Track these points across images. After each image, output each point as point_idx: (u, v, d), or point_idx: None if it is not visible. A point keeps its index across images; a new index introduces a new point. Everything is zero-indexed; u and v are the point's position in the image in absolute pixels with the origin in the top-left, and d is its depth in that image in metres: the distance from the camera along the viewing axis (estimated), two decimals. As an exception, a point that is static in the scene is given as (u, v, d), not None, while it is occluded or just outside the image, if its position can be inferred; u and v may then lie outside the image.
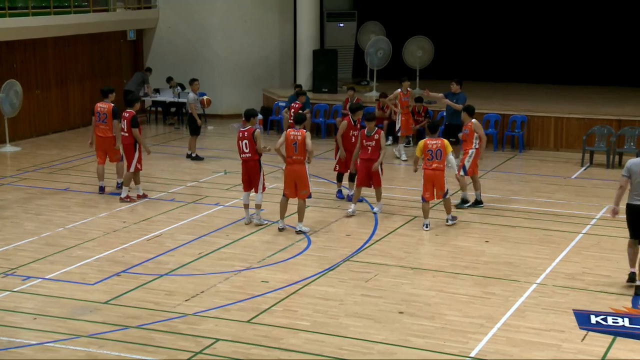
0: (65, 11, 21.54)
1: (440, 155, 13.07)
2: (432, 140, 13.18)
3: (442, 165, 13.10)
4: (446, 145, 13.11)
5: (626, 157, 18.05)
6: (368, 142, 13.74)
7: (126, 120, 14.81)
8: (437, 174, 13.13)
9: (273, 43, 24.43)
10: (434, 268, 11.49)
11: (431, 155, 13.09)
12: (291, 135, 12.83)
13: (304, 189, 12.87)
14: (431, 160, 13.10)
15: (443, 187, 13.17)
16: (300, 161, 12.78)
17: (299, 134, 12.78)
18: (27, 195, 15.44)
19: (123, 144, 14.97)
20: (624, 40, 23.65)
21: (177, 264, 11.64)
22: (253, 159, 13.17)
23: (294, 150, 12.75)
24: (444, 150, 13.07)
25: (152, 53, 24.68)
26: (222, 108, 23.61)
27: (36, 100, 20.98)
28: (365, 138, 13.76)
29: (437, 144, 13.12)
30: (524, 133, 19.57)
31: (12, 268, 11.49)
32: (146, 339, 9.18)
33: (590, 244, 12.52)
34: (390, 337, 9.22)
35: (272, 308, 10.07)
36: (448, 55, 24.26)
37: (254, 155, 13.14)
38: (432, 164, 13.11)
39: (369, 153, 13.74)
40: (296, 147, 12.72)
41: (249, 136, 13.10)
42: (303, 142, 12.70)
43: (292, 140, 12.76)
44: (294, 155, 12.77)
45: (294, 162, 12.82)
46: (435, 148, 13.08)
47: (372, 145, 13.72)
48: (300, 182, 12.84)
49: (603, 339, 9.20)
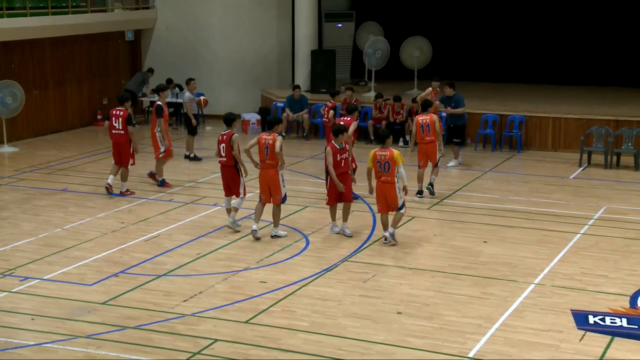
0: (63, 12, 21.52)
1: (388, 168, 12.19)
2: (381, 151, 12.28)
3: (391, 178, 12.22)
4: (395, 157, 12.14)
5: (624, 157, 18.10)
6: (341, 155, 12.81)
7: (121, 118, 15.05)
8: (386, 187, 12.31)
9: (271, 43, 24.43)
10: (433, 268, 11.49)
11: (380, 167, 12.27)
12: (263, 138, 12.49)
13: (277, 194, 12.53)
14: (380, 172, 12.29)
15: (395, 200, 12.31)
16: (272, 165, 12.44)
17: (270, 138, 12.42)
18: (25, 196, 15.43)
19: (119, 142, 15.21)
20: (622, 41, 23.65)
21: (175, 265, 11.63)
22: (229, 164, 12.99)
23: (265, 154, 12.43)
24: (392, 163, 12.15)
25: (150, 53, 24.67)
26: (220, 108, 23.52)
27: (34, 100, 20.95)
28: (338, 152, 12.76)
29: (385, 155, 12.21)
30: (522, 133, 19.58)
31: (10, 269, 11.48)
32: (144, 340, 9.17)
33: (589, 244, 12.53)
34: (388, 338, 9.22)
35: (270, 308, 10.07)
36: (446, 56, 24.25)
37: (230, 160, 12.96)
38: (381, 176, 12.32)
39: (342, 166, 12.84)
40: (267, 151, 12.39)
41: (227, 140, 12.92)
42: (274, 146, 12.34)
43: (264, 144, 12.43)
44: (265, 159, 12.47)
45: (266, 167, 12.51)
46: (384, 160, 12.22)
47: (346, 158, 12.86)
48: (273, 186, 12.52)
49: (601, 339, 9.20)
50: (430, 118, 15.02)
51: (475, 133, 19.72)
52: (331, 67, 22.60)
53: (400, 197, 12.33)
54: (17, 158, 18.84)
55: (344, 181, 12.80)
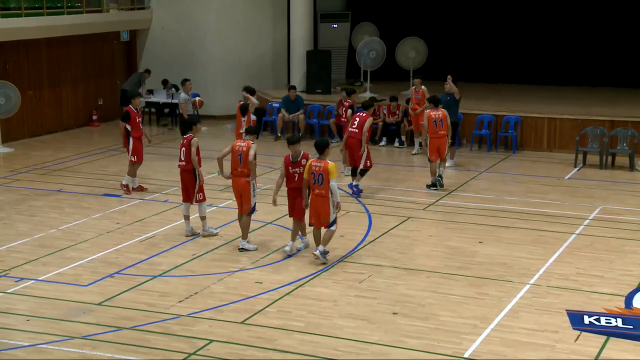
0: (58, 12, 21.48)
1: (322, 181, 11.34)
2: (317, 162, 11.45)
3: (324, 192, 11.38)
4: (330, 170, 11.28)
5: (619, 157, 18.12)
6: (294, 168, 11.88)
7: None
8: (319, 201, 11.46)
9: (266, 44, 24.42)
10: (428, 269, 11.50)
11: (314, 179, 11.44)
12: (237, 145, 12.13)
13: (247, 204, 12.12)
14: (314, 184, 11.47)
15: (327, 216, 11.47)
16: (245, 174, 12.04)
17: (245, 145, 12.06)
18: (20, 197, 15.40)
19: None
20: (617, 42, 23.68)
21: (171, 265, 11.62)
22: (188, 169, 12.70)
23: (238, 161, 12.04)
24: (325, 175, 11.30)
25: (145, 54, 24.64)
26: (215, 109, 23.58)
27: (29, 101, 20.91)
28: (290, 164, 11.90)
29: (320, 167, 11.37)
30: (517, 134, 19.59)
31: (5, 270, 11.46)
32: (140, 340, 9.16)
33: (584, 245, 12.55)
34: (384, 338, 9.22)
35: (266, 309, 10.06)
36: (442, 57, 24.24)
37: (188, 164, 12.69)
38: (314, 189, 11.49)
39: (295, 181, 11.87)
40: (240, 158, 12.02)
41: (186, 144, 12.68)
42: (247, 154, 11.95)
43: (237, 151, 12.04)
44: (238, 167, 12.06)
45: (238, 175, 12.11)
46: (318, 171, 11.37)
47: (300, 173, 11.77)
48: (244, 195, 12.12)
49: (596, 340, 9.22)
50: (443, 113, 15.66)
51: (471, 133, 19.74)
52: (327, 68, 22.59)
53: (333, 213, 11.50)
54: (12, 159, 18.81)
55: (295, 197, 11.93)
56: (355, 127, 15.24)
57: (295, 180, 11.86)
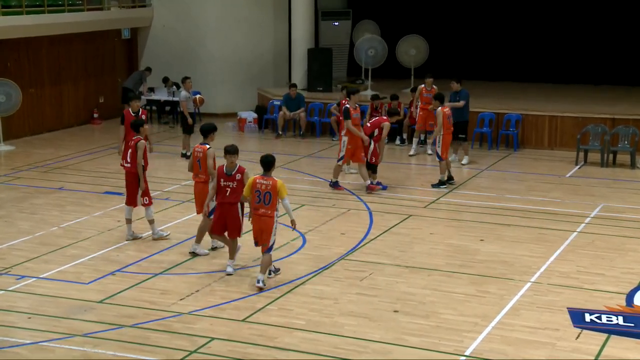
0: (59, 10, 21.49)
1: (269, 200, 10.41)
2: (263, 179, 10.49)
3: (270, 212, 10.43)
4: (279, 188, 10.38)
5: (620, 155, 18.11)
6: (227, 181, 10.99)
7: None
8: (263, 221, 10.49)
9: (268, 42, 24.41)
10: (429, 267, 11.50)
11: (259, 198, 10.45)
12: (196, 151, 11.89)
13: (199, 206, 11.87)
14: (258, 203, 10.47)
15: (269, 239, 10.55)
16: (205, 180, 11.75)
17: (201, 150, 11.80)
18: (22, 195, 15.41)
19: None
20: (618, 40, 23.67)
21: (172, 263, 11.63)
22: (132, 171, 12.40)
23: (198, 167, 11.84)
24: (274, 194, 10.40)
25: (146, 52, 24.64)
26: (216, 107, 23.57)
27: (30, 99, 20.91)
28: (223, 176, 10.99)
29: (267, 184, 10.43)
30: (518, 132, 19.58)
31: (6, 267, 11.46)
32: (141, 338, 9.17)
33: (585, 243, 12.54)
34: (385, 336, 9.22)
35: (267, 307, 10.07)
36: (443, 54, 24.24)
37: (133, 167, 12.38)
38: (259, 208, 10.49)
39: (227, 196, 11.00)
40: (200, 163, 11.83)
41: (133, 145, 12.37)
42: (205, 159, 11.67)
43: (196, 157, 11.80)
44: (198, 172, 11.85)
45: (199, 181, 11.92)
46: (264, 189, 10.44)
47: (233, 187, 10.93)
48: (203, 199, 11.69)
49: (597, 337, 9.21)
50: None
51: (472, 131, 19.71)
52: (328, 66, 22.59)
53: (274, 236, 10.60)
54: (13, 157, 18.81)
55: (227, 212, 11.02)
56: (370, 124, 15.62)
57: (227, 196, 10.96)
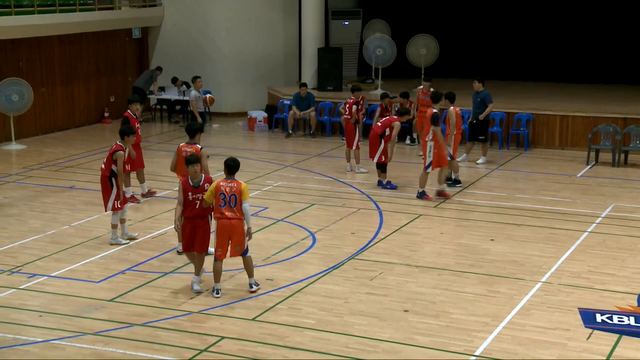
0: (70, 9, 21.57)
1: (235, 202, 10.12)
2: (227, 182, 10.21)
3: (239, 214, 10.15)
4: (243, 190, 10.14)
5: (632, 155, 18.05)
6: (195, 194, 10.43)
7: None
8: (232, 225, 10.14)
9: (278, 41, 24.43)
10: (439, 266, 11.48)
11: (224, 201, 10.13)
12: (183, 150, 11.75)
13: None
14: (224, 207, 10.14)
15: (242, 242, 10.26)
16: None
17: (191, 150, 11.62)
18: (33, 193, 15.47)
19: None
20: (629, 39, 23.59)
21: (182, 262, 11.64)
22: (105, 175, 12.25)
23: (185, 167, 11.06)
24: (239, 196, 10.12)
25: (157, 51, 24.70)
26: (226, 106, 23.61)
27: (42, 98, 21.00)
28: (190, 189, 10.43)
29: (232, 187, 10.16)
30: (529, 131, 19.54)
31: (18, 266, 11.51)
32: (152, 337, 9.19)
33: (596, 243, 12.50)
34: (395, 336, 9.22)
35: (277, 306, 10.08)
36: (453, 54, 24.22)
37: (105, 171, 12.24)
38: (225, 212, 10.14)
39: (196, 209, 10.44)
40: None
41: (111, 151, 12.28)
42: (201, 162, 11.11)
43: (184, 156, 11.32)
44: (185, 172, 11.20)
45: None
46: (230, 192, 10.13)
47: (201, 199, 10.40)
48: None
49: (608, 338, 9.18)
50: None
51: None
52: (338, 65, 22.57)
53: (247, 237, 10.31)
54: (24, 155, 18.89)
55: (195, 227, 10.48)
56: (380, 123, 15.63)
57: (196, 208, 10.43)
